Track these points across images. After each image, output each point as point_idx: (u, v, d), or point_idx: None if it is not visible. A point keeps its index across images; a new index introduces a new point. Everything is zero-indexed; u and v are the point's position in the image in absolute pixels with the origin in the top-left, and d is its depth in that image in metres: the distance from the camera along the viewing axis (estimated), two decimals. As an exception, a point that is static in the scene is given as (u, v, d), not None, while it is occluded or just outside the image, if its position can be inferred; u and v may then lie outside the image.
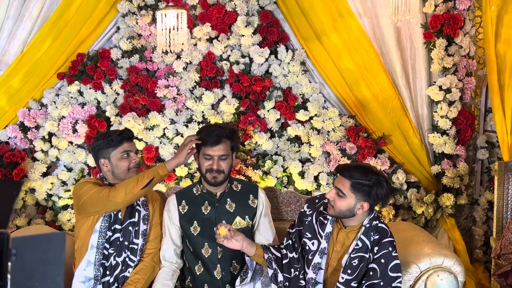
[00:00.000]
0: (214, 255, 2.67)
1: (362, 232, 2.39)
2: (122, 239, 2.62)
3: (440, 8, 3.38)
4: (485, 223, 3.72)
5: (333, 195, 2.37)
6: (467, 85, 3.52)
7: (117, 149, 2.63)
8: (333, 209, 2.39)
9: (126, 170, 2.64)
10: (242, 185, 2.82)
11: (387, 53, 3.45)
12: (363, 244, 2.37)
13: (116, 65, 3.48)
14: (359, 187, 2.31)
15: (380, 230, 2.40)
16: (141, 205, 2.71)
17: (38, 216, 3.52)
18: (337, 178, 2.41)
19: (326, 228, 2.45)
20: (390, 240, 2.37)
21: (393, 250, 2.36)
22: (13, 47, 3.32)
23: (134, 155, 2.68)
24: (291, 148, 3.53)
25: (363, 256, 2.36)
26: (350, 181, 2.32)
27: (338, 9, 3.40)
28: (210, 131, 2.62)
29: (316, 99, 3.50)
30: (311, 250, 2.46)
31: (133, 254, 2.64)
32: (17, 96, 3.38)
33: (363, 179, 2.31)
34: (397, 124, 3.49)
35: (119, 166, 2.64)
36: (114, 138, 2.63)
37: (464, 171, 3.56)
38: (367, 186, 2.31)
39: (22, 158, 3.39)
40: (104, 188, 2.53)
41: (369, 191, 2.31)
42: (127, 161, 2.64)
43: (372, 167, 2.45)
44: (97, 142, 2.67)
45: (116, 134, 2.65)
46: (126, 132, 2.70)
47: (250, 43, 3.44)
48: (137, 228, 2.66)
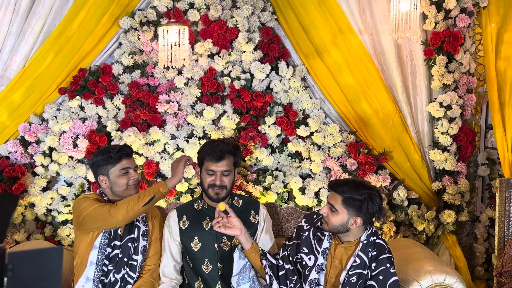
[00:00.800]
0: (214, 271, 2.64)
1: (360, 248, 2.38)
2: (122, 255, 2.60)
3: (441, 25, 3.40)
4: (487, 240, 3.70)
5: (326, 211, 2.38)
6: (467, 101, 3.53)
7: (116, 166, 2.61)
8: (326, 225, 2.40)
9: (125, 187, 2.62)
10: (243, 200, 2.81)
11: (387, 69, 3.46)
12: (361, 260, 2.36)
13: (118, 80, 3.49)
14: (351, 202, 2.32)
15: (378, 246, 2.39)
16: (140, 221, 2.69)
17: (38, 231, 3.50)
18: (330, 193, 2.42)
19: (323, 244, 2.45)
20: (388, 257, 2.36)
21: (391, 266, 2.34)
22: (15, 62, 3.33)
23: (133, 172, 2.65)
24: (292, 163, 3.53)
25: (361, 272, 2.35)
26: (342, 196, 2.34)
27: (338, 25, 3.42)
28: (213, 147, 2.61)
29: (316, 115, 3.50)
30: (307, 266, 2.45)
31: (132, 270, 2.61)
32: (18, 111, 3.38)
33: (354, 194, 2.32)
34: (397, 140, 3.49)
35: (117, 183, 2.62)
36: (113, 155, 2.60)
37: (465, 188, 3.55)
38: (358, 201, 2.31)
39: (22, 172, 3.39)
40: (104, 204, 2.51)
41: (360, 206, 2.31)
42: (126, 178, 2.62)
43: (364, 181, 2.46)
44: (96, 158, 2.64)
45: (115, 150, 2.62)
46: (125, 148, 2.67)
47: (251, 59, 3.46)
48: (136, 244, 2.64)
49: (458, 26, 3.44)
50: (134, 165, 2.68)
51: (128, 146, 2.74)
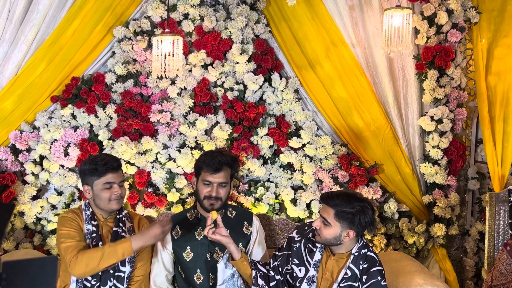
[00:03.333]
0: (205, 282, 2.63)
1: (351, 260, 2.38)
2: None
3: (432, 40, 3.44)
4: (476, 254, 3.72)
5: (319, 224, 2.38)
6: (458, 116, 3.56)
7: (100, 179, 2.56)
8: (319, 237, 2.40)
9: (107, 201, 2.59)
10: (236, 211, 2.81)
11: (379, 82, 3.49)
12: (352, 273, 2.36)
13: (110, 89, 3.48)
14: (343, 215, 2.32)
15: (369, 258, 2.39)
16: (127, 232, 2.65)
17: (26, 240, 3.47)
18: (322, 206, 2.41)
19: (315, 255, 2.44)
20: (379, 269, 2.36)
21: (382, 279, 2.34)
22: (7, 69, 3.31)
23: (117, 186, 2.59)
24: (284, 175, 3.53)
25: (352, 285, 2.35)
26: (334, 209, 2.33)
27: (331, 38, 3.44)
28: (212, 158, 2.61)
29: (309, 127, 3.52)
30: (298, 277, 2.45)
31: (120, 282, 2.57)
32: (10, 119, 3.36)
33: (347, 207, 2.32)
34: (389, 153, 3.51)
35: (100, 196, 2.58)
36: (99, 167, 2.55)
37: (455, 202, 3.57)
38: (351, 214, 2.31)
39: (12, 180, 3.36)
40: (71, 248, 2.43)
41: (353, 219, 2.31)
42: (109, 192, 2.58)
43: (356, 194, 2.45)
44: (83, 167, 2.62)
45: (102, 163, 2.57)
46: (112, 162, 2.60)
47: (244, 70, 3.47)
48: None
49: (449, 41, 3.48)
50: (119, 180, 2.62)
51: (116, 159, 2.66)
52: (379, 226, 3.52)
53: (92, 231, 2.58)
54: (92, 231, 2.57)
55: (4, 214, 0.77)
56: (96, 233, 2.58)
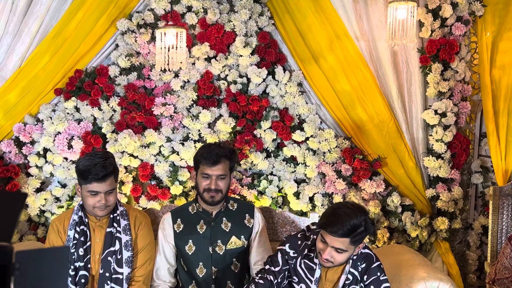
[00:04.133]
0: (208, 275, 2.64)
1: (350, 265, 2.36)
2: (102, 271, 2.53)
3: (437, 33, 3.43)
4: (479, 248, 3.72)
5: (332, 253, 2.26)
6: (462, 109, 3.55)
7: (86, 185, 2.50)
8: (332, 264, 2.31)
9: (91, 208, 2.54)
10: (238, 204, 2.81)
11: (383, 76, 3.48)
12: (353, 276, 2.37)
13: (114, 82, 3.48)
14: (358, 238, 2.24)
15: (365, 257, 2.38)
16: (122, 232, 2.59)
17: (30, 232, 3.48)
18: (328, 236, 2.24)
19: (315, 273, 2.38)
20: (377, 265, 2.37)
21: (381, 274, 2.35)
22: (11, 62, 3.31)
23: (102, 196, 2.49)
24: (287, 168, 3.53)
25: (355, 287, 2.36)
26: (349, 238, 2.22)
27: (335, 31, 3.43)
28: (209, 150, 2.61)
29: (312, 120, 3.51)
30: None
31: (119, 284, 2.52)
32: (13, 111, 3.37)
33: (359, 227, 2.21)
34: (392, 147, 3.50)
35: (84, 201, 2.55)
36: (86, 173, 2.46)
37: (459, 195, 3.57)
38: (364, 231, 2.24)
39: (16, 173, 3.37)
40: None
41: (366, 234, 2.27)
42: (93, 200, 2.51)
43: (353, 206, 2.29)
44: (77, 164, 2.56)
45: (88, 170, 2.45)
46: (99, 171, 2.46)
47: (248, 63, 3.47)
48: (120, 257, 2.55)
49: (454, 34, 3.46)
50: (106, 189, 2.50)
51: (107, 167, 2.49)
52: (382, 220, 3.52)
53: (73, 238, 2.54)
54: (74, 237, 2.53)
55: (16, 204, 0.77)
56: (77, 240, 2.54)
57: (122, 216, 2.64)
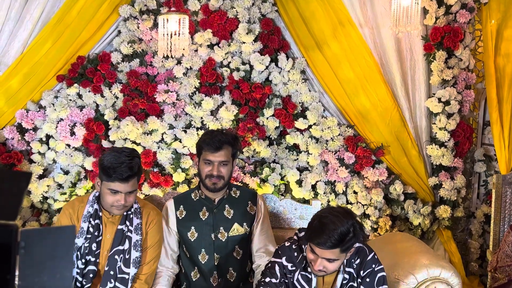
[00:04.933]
0: (210, 261, 2.65)
1: (345, 264, 2.34)
2: (107, 268, 2.48)
3: (441, 20, 3.40)
4: (481, 236, 3.72)
5: (324, 264, 2.20)
6: (466, 98, 3.53)
7: (108, 183, 2.41)
8: (325, 273, 2.26)
9: (109, 206, 2.47)
10: (241, 191, 2.81)
11: (387, 63, 3.46)
12: (349, 275, 2.35)
13: (116, 68, 3.47)
14: (347, 245, 2.17)
15: (358, 251, 2.34)
16: (133, 231, 2.53)
17: (33, 219, 3.49)
18: (317, 249, 2.16)
19: (312, 282, 2.35)
20: (371, 257, 2.35)
21: (376, 265, 2.34)
22: (13, 48, 3.30)
23: (122, 196, 2.41)
24: (289, 156, 3.53)
25: (353, 285, 2.36)
26: (339, 248, 2.15)
27: (339, 18, 3.41)
28: (212, 137, 2.61)
29: (315, 108, 3.50)
30: None
31: (124, 284, 2.48)
32: (16, 97, 3.36)
33: (347, 236, 2.13)
34: (395, 135, 3.49)
35: (103, 197, 2.47)
36: (110, 171, 2.38)
37: (461, 184, 3.56)
38: (353, 238, 2.16)
39: (19, 159, 3.37)
40: None
41: (355, 240, 2.19)
42: (112, 198, 2.43)
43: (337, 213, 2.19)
44: (100, 159, 2.45)
45: (114, 169, 2.37)
46: (124, 171, 2.38)
47: (250, 50, 3.45)
48: (128, 256, 2.50)
49: (458, 21, 3.43)
50: (128, 190, 2.42)
51: (132, 168, 2.41)
52: (384, 208, 3.52)
53: (87, 231, 2.49)
54: (87, 230, 2.49)
55: (21, 183, 0.77)
56: (91, 234, 2.49)
57: (136, 214, 2.57)
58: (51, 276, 0.67)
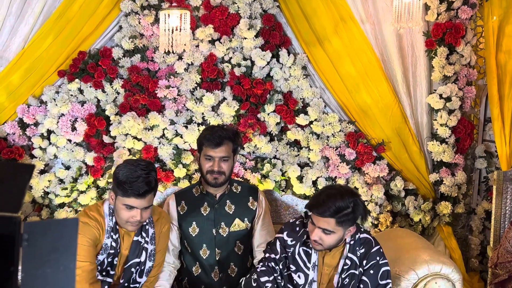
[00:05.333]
0: (212, 256, 2.65)
1: (348, 249, 2.36)
2: (123, 280, 2.45)
3: (443, 16, 3.39)
4: (482, 233, 3.72)
5: (320, 235, 2.25)
6: (467, 94, 3.53)
7: (123, 198, 2.29)
8: (321, 246, 2.29)
9: (124, 222, 2.35)
10: (242, 187, 2.81)
11: (388, 59, 3.46)
12: (351, 261, 2.37)
13: (117, 64, 3.47)
14: (344, 219, 2.21)
15: (364, 242, 2.37)
16: (149, 242, 2.46)
17: (34, 214, 3.49)
18: (315, 217, 2.24)
19: (312, 258, 2.38)
20: (376, 249, 2.37)
21: (380, 258, 2.36)
22: (14, 43, 3.30)
23: (138, 212, 2.29)
24: (290, 152, 3.53)
25: (354, 273, 2.37)
26: (335, 218, 2.20)
27: (340, 14, 3.40)
28: (212, 132, 2.61)
29: (316, 104, 3.50)
30: (299, 284, 2.40)
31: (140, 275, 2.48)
32: (17, 93, 3.36)
33: (345, 209, 2.19)
34: (396, 131, 3.49)
35: (118, 212, 2.35)
36: (127, 187, 2.25)
37: (462, 180, 3.57)
38: (351, 213, 2.21)
39: (20, 154, 3.37)
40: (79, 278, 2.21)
41: (354, 217, 2.24)
42: (127, 214, 2.31)
43: (342, 188, 2.31)
44: (116, 172, 2.32)
45: (129, 185, 2.25)
46: (141, 187, 2.26)
47: (252, 46, 3.44)
48: (143, 268, 2.47)
49: (460, 18, 3.43)
50: (144, 205, 2.31)
51: (150, 183, 2.29)
52: (385, 204, 3.52)
53: (111, 246, 2.39)
54: (111, 246, 2.39)
55: (24, 175, 0.77)
56: (114, 248, 2.40)
57: (150, 224, 2.49)
58: (54, 268, 0.68)
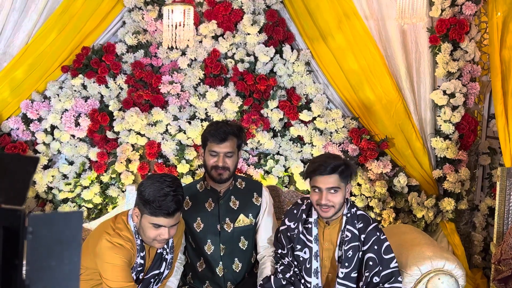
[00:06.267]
0: (216, 252, 2.65)
1: (346, 222, 2.44)
2: (148, 276, 2.42)
3: (447, 12, 3.38)
4: (485, 229, 3.72)
5: (328, 197, 2.35)
6: (471, 90, 3.52)
7: (151, 217, 2.19)
8: (333, 209, 2.39)
9: (150, 240, 2.26)
10: (246, 182, 2.81)
11: (392, 55, 3.45)
12: (352, 234, 2.43)
13: (121, 59, 3.47)
14: (344, 173, 2.37)
15: (361, 217, 2.47)
16: (168, 252, 2.44)
17: (38, 209, 3.51)
18: (316, 180, 2.37)
19: (312, 231, 2.47)
20: (375, 226, 2.45)
21: (380, 233, 2.44)
22: (18, 38, 3.31)
23: (166, 230, 2.21)
24: (293, 148, 3.53)
25: (355, 245, 2.42)
26: (337, 173, 2.35)
27: (344, 10, 3.40)
28: (217, 128, 2.61)
29: (319, 100, 3.50)
30: (305, 259, 2.47)
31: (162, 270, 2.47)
32: (21, 88, 3.37)
33: (341, 165, 2.37)
34: (400, 127, 3.49)
35: (144, 231, 2.24)
36: (155, 206, 2.15)
37: (466, 176, 3.56)
38: (347, 168, 2.38)
39: (24, 150, 3.38)
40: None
41: (349, 171, 2.39)
42: (155, 232, 2.22)
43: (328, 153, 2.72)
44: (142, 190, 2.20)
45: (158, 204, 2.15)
46: (170, 206, 2.16)
47: (255, 42, 3.44)
48: (160, 277, 2.47)
49: (464, 13, 3.42)
50: (172, 224, 2.22)
51: (179, 201, 2.20)
52: (388, 200, 3.52)
53: (140, 264, 2.34)
54: (140, 264, 2.34)
55: (29, 168, 0.77)
56: (142, 265, 2.36)
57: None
58: (59, 261, 0.68)
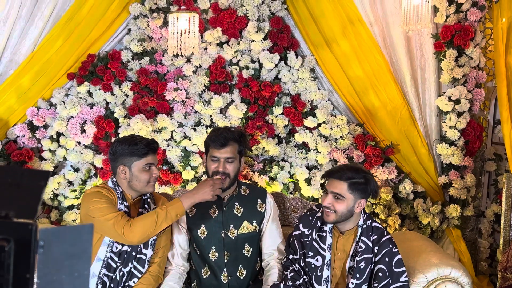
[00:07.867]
0: (220, 259, 2.65)
1: (361, 233, 2.44)
2: (130, 249, 2.51)
3: (452, 18, 3.38)
4: (491, 236, 3.70)
5: (331, 201, 2.40)
6: (476, 96, 3.51)
7: (141, 160, 2.48)
8: (334, 214, 2.42)
9: (145, 183, 2.51)
10: (250, 189, 2.81)
11: (396, 62, 3.45)
12: (365, 245, 2.43)
13: (126, 66, 3.48)
14: (356, 186, 2.38)
15: (376, 229, 2.48)
16: (149, 247, 2.57)
17: (44, 216, 3.51)
18: (329, 182, 2.45)
19: (326, 240, 2.48)
20: (388, 238, 2.45)
21: (393, 246, 2.44)
22: (24, 46, 3.32)
23: (155, 168, 2.52)
24: (298, 154, 3.53)
25: (368, 257, 2.42)
26: (347, 182, 2.38)
27: (348, 16, 3.40)
28: (218, 134, 2.62)
29: (324, 106, 3.50)
30: (317, 267, 2.48)
31: (140, 264, 2.54)
32: (27, 95, 3.39)
33: (357, 177, 2.38)
34: (405, 133, 3.48)
35: (139, 178, 2.49)
36: (141, 148, 2.47)
37: (471, 183, 3.55)
38: (363, 184, 2.39)
39: (30, 157, 3.39)
40: (118, 217, 2.36)
41: (365, 188, 2.39)
42: (148, 174, 2.50)
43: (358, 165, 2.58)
44: (121, 147, 2.48)
45: (143, 144, 2.48)
46: (153, 143, 2.53)
47: (260, 49, 3.45)
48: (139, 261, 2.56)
49: (469, 20, 3.42)
50: (157, 162, 2.56)
51: (155, 141, 2.58)
52: (393, 207, 3.51)
53: (125, 212, 2.48)
54: (124, 211, 2.48)
55: (40, 181, 0.78)
56: (128, 214, 2.49)
57: (152, 199, 2.66)
58: (69, 275, 0.68)
